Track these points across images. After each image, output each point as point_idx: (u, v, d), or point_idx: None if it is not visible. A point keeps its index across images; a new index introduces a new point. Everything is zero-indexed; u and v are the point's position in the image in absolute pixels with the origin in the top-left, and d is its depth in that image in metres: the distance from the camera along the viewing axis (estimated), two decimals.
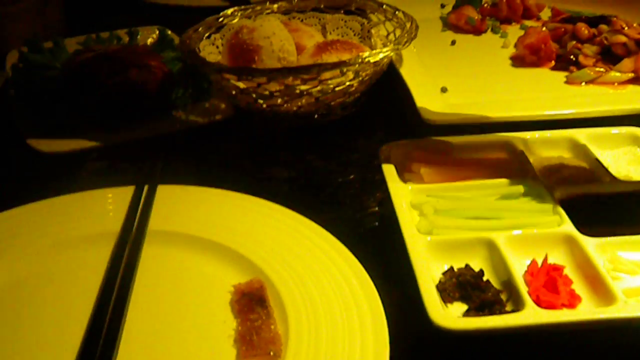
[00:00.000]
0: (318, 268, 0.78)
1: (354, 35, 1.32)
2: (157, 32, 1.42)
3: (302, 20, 1.33)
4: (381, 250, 0.86)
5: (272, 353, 0.67)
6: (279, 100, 1.09)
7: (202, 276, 0.80)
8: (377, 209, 0.99)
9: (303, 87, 1.06)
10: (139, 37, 1.43)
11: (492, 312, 0.71)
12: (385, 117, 1.24)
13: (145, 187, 0.92)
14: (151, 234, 0.85)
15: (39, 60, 1.27)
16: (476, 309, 0.72)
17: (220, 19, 1.27)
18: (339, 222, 0.91)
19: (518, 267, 0.76)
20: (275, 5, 1.32)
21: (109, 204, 0.90)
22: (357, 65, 1.04)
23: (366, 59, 1.04)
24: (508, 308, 0.72)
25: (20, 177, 1.08)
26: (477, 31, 1.47)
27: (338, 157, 1.13)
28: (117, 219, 0.87)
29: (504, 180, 0.91)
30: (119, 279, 0.78)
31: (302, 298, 0.74)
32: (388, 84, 1.23)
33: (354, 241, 0.83)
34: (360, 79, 1.09)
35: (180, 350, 0.70)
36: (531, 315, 0.68)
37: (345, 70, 1.05)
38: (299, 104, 1.10)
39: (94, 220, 0.88)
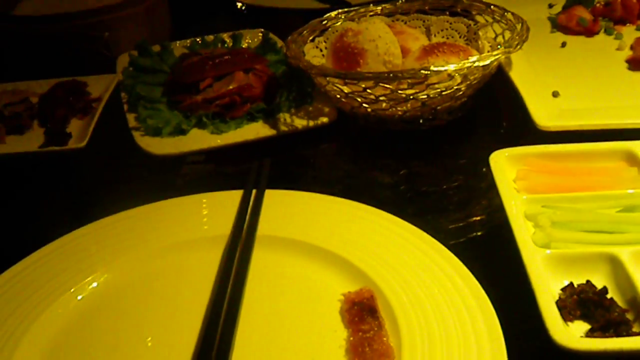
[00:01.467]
0: (428, 278, 0.76)
1: (460, 37, 1.29)
2: (261, 35, 1.44)
3: (405, 23, 1.31)
4: (490, 261, 0.83)
5: None
6: (384, 105, 1.08)
7: (311, 283, 0.80)
8: (483, 217, 0.96)
9: (409, 92, 1.04)
10: (242, 40, 1.45)
11: (618, 333, 0.67)
12: (492, 122, 1.20)
13: (253, 192, 0.93)
14: (260, 239, 0.85)
15: (148, 64, 1.32)
16: (601, 329, 0.68)
17: (324, 22, 1.27)
18: (444, 230, 0.89)
19: None
20: (379, 8, 1.31)
21: (219, 208, 0.91)
22: (466, 70, 1.02)
23: (476, 63, 1.01)
24: (635, 329, 0.68)
25: (131, 178, 1.11)
26: (589, 32, 1.40)
27: (443, 163, 1.11)
28: (227, 223, 0.88)
29: (625, 192, 0.86)
30: (230, 283, 0.78)
31: (414, 309, 0.72)
32: (495, 87, 1.20)
33: (460, 250, 0.80)
34: (469, 82, 1.06)
35: (292, 358, 0.70)
36: None
37: (453, 74, 1.02)
38: (405, 108, 1.08)
39: (205, 223, 0.90)
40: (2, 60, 1.48)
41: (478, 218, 0.96)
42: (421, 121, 1.12)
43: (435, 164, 1.11)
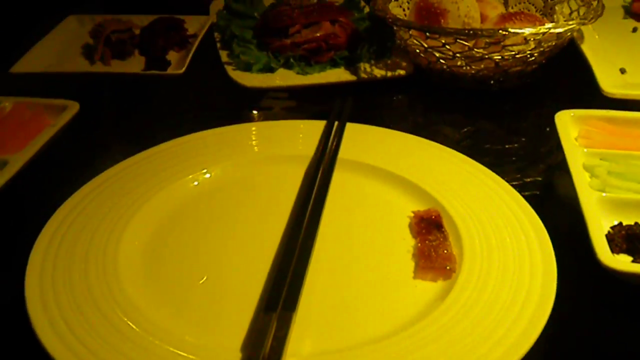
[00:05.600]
0: (490, 205, 0.85)
1: (536, 11, 1.36)
2: None
3: None
4: (548, 211, 0.87)
5: (448, 267, 0.75)
6: (460, 62, 1.16)
7: (384, 202, 0.89)
8: (540, 178, 1.01)
9: (485, 51, 1.12)
10: None
11: None
12: (558, 92, 1.27)
13: (336, 123, 1.03)
14: (340, 162, 0.95)
15: (240, 9, 1.43)
16: None
17: None
18: None
19: None
20: None
21: (305, 132, 1.01)
22: (541, 35, 1.09)
23: (552, 30, 1.08)
24: None
25: (221, 106, 1.23)
26: None
27: (508, 124, 1.18)
28: (311, 145, 0.98)
29: None
30: (313, 197, 0.87)
31: (476, 228, 0.81)
32: (566, 62, 1.26)
33: None
34: (542, 49, 1.14)
35: (365, 260, 0.80)
36: None
37: (529, 38, 1.10)
38: (478, 67, 1.16)
39: (293, 144, 1.00)
40: None
41: (533, 178, 1.01)
42: (492, 82, 1.20)
43: (500, 125, 1.18)
